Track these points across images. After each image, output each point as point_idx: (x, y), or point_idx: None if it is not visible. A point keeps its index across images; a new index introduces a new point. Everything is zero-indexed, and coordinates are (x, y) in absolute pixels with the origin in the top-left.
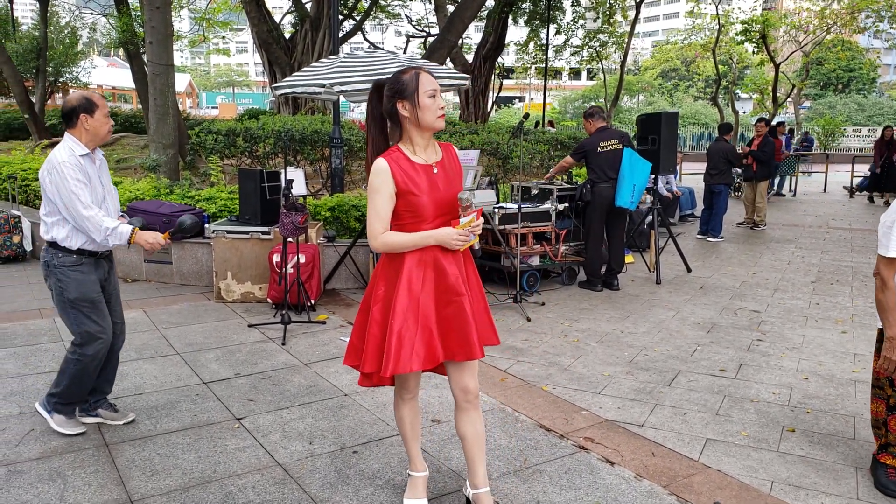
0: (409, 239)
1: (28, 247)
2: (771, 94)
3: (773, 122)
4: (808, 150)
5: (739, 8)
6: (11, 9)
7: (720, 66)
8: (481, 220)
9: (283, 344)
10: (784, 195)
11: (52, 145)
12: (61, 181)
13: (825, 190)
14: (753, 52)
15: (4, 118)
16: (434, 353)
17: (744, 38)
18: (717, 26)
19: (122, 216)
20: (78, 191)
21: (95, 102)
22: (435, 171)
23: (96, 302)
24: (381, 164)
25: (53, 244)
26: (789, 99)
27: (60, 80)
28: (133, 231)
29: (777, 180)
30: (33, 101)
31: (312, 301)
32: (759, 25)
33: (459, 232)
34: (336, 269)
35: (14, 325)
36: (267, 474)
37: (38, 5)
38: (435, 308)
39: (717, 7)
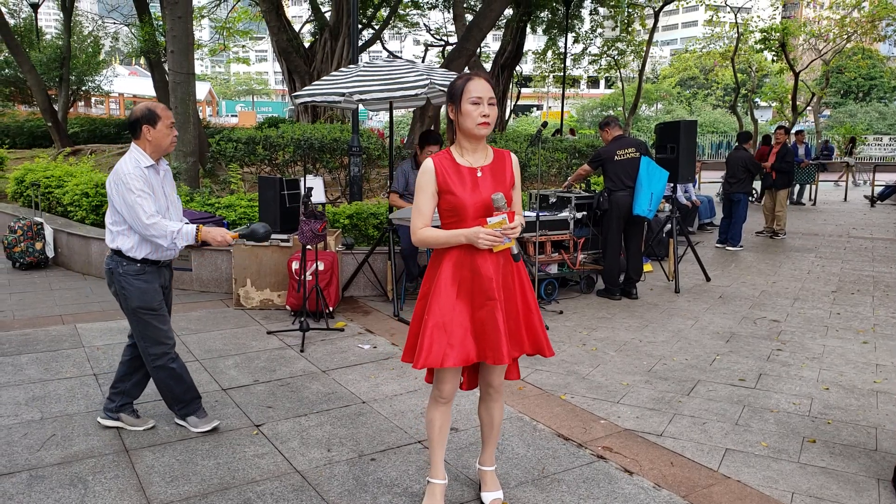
0: (442, 235)
1: (50, 253)
2: (790, 102)
3: (793, 131)
4: (827, 159)
5: (758, 16)
6: (36, 18)
7: (739, 75)
8: (517, 223)
9: (302, 351)
10: (804, 204)
11: (75, 153)
12: (126, 192)
13: (846, 199)
14: (773, 61)
15: (28, 126)
16: (467, 351)
17: (763, 46)
18: (737, 34)
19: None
20: (142, 201)
21: (158, 114)
22: (479, 174)
23: (157, 310)
24: (428, 163)
25: (118, 252)
26: (809, 107)
27: (83, 88)
28: (198, 228)
29: (796, 189)
30: (56, 109)
31: (331, 308)
32: (778, 34)
33: (487, 231)
34: (354, 277)
35: (36, 331)
36: (285, 481)
37: (62, 15)
38: (470, 309)
39: (735, 15)
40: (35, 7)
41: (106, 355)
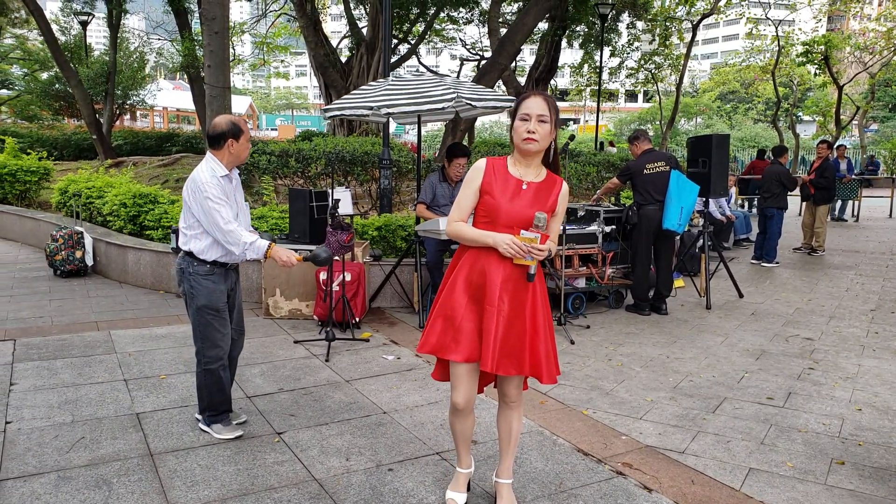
0: (472, 233)
1: (89, 262)
2: (834, 116)
3: (835, 146)
4: (873, 174)
5: (800, 29)
6: (85, 35)
7: (781, 89)
8: (545, 248)
9: (327, 360)
10: (846, 220)
11: (117, 165)
12: (204, 199)
13: (891, 215)
14: (815, 74)
15: (75, 139)
16: (471, 350)
17: (805, 59)
18: (778, 48)
19: (253, 231)
20: (220, 208)
21: (242, 128)
22: (524, 187)
23: (220, 311)
24: (480, 162)
25: (189, 254)
26: (854, 121)
27: (128, 102)
28: (269, 246)
29: (838, 205)
30: (101, 122)
31: (357, 319)
32: (821, 46)
33: (513, 239)
34: (381, 288)
35: (72, 337)
36: (303, 489)
37: (108, 32)
38: (478, 311)
39: (776, 28)
40: (84, 25)
41: (137, 361)
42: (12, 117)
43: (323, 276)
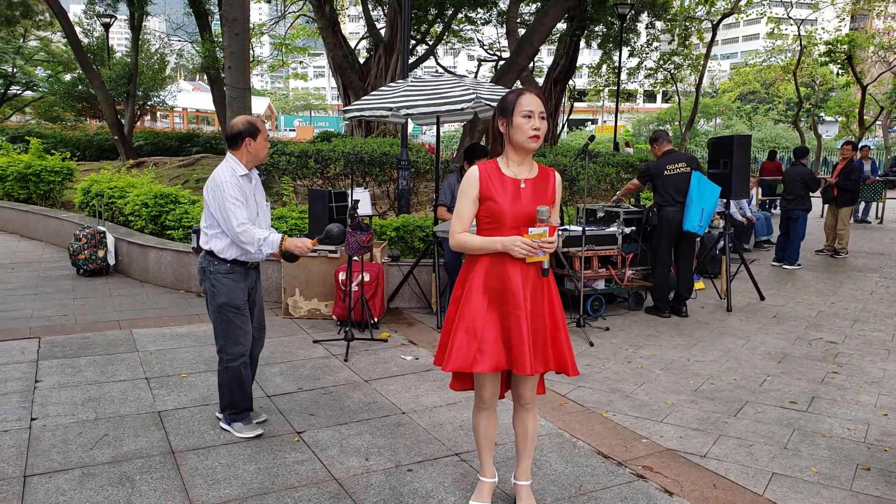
0: (478, 241)
1: (111, 261)
2: (857, 117)
3: (859, 146)
4: None
5: (823, 28)
6: (107, 37)
7: (802, 89)
8: (554, 238)
9: (346, 360)
10: (869, 222)
11: (138, 165)
12: (222, 199)
13: None
14: (838, 74)
15: (97, 140)
16: (497, 358)
17: (828, 59)
18: (799, 47)
19: (272, 230)
20: (235, 208)
21: (259, 128)
22: (522, 185)
23: (241, 309)
24: (473, 170)
25: (210, 253)
26: (878, 122)
27: (149, 103)
28: (283, 238)
29: (862, 206)
30: (123, 123)
31: (375, 319)
32: (844, 46)
33: (524, 240)
34: (399, 289)
35: (94, 335)
36: (323, 488)
37: (130, 34)
38: (499, 317)
39: (798, 28)
40: (107, 27)
41: (158, 360)
42: (36, 118)
43: (342, 276)
